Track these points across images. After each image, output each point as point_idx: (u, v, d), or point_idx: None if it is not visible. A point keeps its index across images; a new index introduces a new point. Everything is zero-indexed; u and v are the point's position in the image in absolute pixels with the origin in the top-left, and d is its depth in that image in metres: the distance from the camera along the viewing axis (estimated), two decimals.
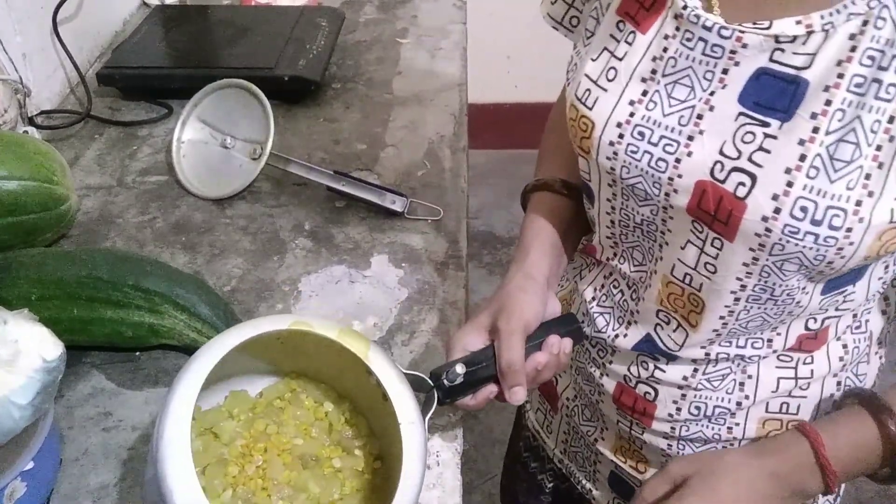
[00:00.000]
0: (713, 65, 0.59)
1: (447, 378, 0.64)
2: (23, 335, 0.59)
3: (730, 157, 0.57)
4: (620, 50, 0.63)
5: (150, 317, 0.76)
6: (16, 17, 1.11)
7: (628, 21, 0.63)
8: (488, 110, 2.82)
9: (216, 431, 0.64)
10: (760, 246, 0.58)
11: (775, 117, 0.56)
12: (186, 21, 1.38)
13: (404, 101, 1.23)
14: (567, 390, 0.85)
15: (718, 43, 0.58)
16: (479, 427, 1.94)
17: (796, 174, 0.55)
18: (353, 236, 0.95)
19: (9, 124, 1.08)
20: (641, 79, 0.62)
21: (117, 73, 1.21)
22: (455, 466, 0.70)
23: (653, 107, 0.61)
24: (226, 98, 1.06)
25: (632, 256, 0.70)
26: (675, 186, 0.60)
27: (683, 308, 0.66)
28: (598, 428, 0.82)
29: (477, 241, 2.53)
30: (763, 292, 0.61)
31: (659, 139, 0.61)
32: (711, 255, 0.61)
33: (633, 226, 0.67)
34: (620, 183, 0.64)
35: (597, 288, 0.75)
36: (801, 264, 0.57)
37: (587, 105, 0.64)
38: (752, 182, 0.56)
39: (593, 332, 0.75)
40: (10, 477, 0.60)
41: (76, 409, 0.74)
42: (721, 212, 0.58)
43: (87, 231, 0.96)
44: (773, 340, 0.67)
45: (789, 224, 0.55)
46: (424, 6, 1.54)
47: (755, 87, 0.57)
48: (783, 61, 0.56)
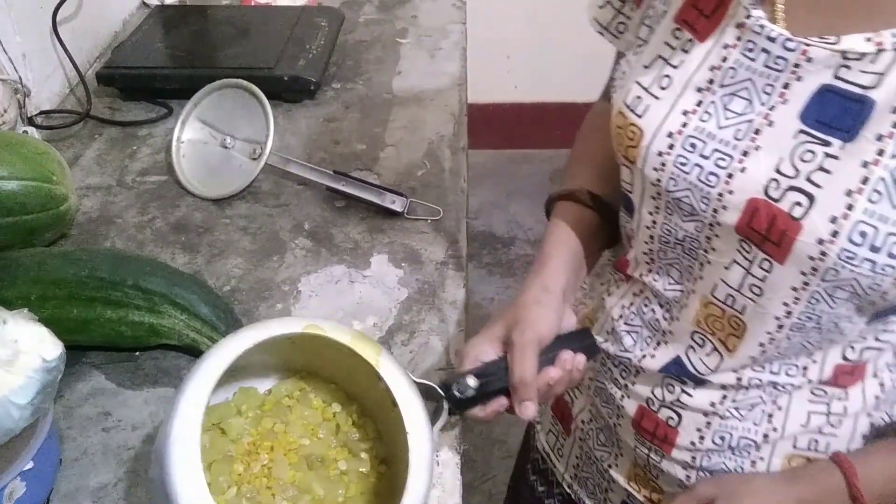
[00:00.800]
0: (774, 78, 0.56)
1: (458, 390, 0.63)
2: (22, 335, 0.59)
3: (787, 175, 0.55)
4: (676, 58, 0.61)
5: (150, 317, 0.76)
6: (15, 17, 1.11)
7: (686, 29, 0.61)
8: (488, 110, 2.82)
9: (223, 427, 0.64)
10: (813, 270, 0.55)
11: (837, 137, 0.53)
12: (186, 21, 1.38)
13: (404, 101, 1.23)
14: (583, 413, 0.83)
15: (782, 55, 0.55)
16: (478, 427, 1.94)
17: (857, 197, 0.52)
18: (352, 236, 0.95)
19: (8, 124, 1.08)
20: (697, 88, 0.59)
21: (117, 73, 1.21)
22: (455, 466, 0.70)
23: (707, 118, 0.59)
24: (225, 98, 1.06)
25: (668, 274, 0.67)
26: (724, 203, 0.58)
27: (722, 331, 0.64)
28: (612, 453, 0.79)
29: (476, 241, 2.53)
30: (808, 320, 0.59)
31: (711, 152, 0.58)
32: (758, 276, 0.59)
33: (673, 242, 0.65)
34: (665, 196, 0.62)
35: (625, 305, 0.73)
36: (853, 292, 0.55)
37: (637, 113, 0.62)
38: (809, 202, 0.54)
39: (619, 350, 0.72)
40: (10, 477, 0.60)
41: (76, 408, 0.74)
42: (773, 232, 0.56)
43: (87, 231, 0.96)
44: (808, 368, 0.64)
45: (846, 249, 0.53)
46: (424, 6, 1.54)
47: (818, 105, 0.54)
48: (849, 79, 0.53)
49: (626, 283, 0.74)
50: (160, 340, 0.77)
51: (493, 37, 2.65)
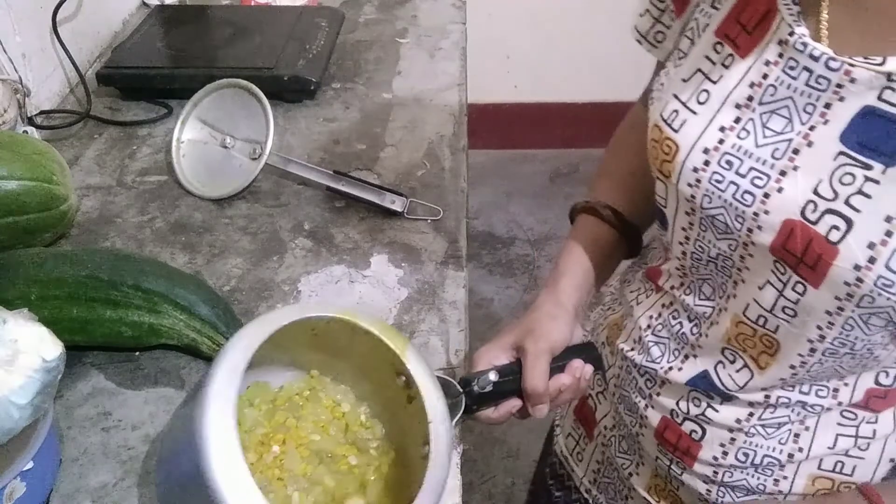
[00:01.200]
0: (816, 97, 0.55)
1: (478, 384, 0.65)
2: (22, 335, 0.59)
3: (825, 197, 0.54)
4: (716, 73, 0.60)
5: (150, 316, 0.76)
6: (15, 17, 1.11)
7: (727, 43, 0.59)
8: (488, 110, 2.82)
9: (238, 419, 0.64)
10: (848, 296, 0.54)
11: (879, 161, 0.52)
12: (186, 21, 1.38)
13: (404, 101, 1.23)
14: (606, 419, 0.83)
15: (824, 75, 0.54)
16: (479, 427, 1.94)
17: None
18: (352, 236, 0.95)
19: (8, 124, 1.08)
20: (735, 105, 0.58)
21: (117, 73, 1.21)
22: (455, 466, 0.70)
23: (745, 136, 0.58)
24: (225, 98, 1.06)
25: (700, 290, 0.67)
26: (759, 223, 0.57)
27: (754, 348, 0.63)
28: (633, 462, 0.79)
29: (476, 241, 2.53)
30: (842, 346, 0.58)
31: (748, 171, 0.57)
32: (792, 299, 0.58)
33: (706, 259, 0.64)
34: (700, 213, 0.61)
35: (653, 316, 0.72)
36: (889, 320, 0.54)
37: (673, 127, 0.61)
38: (847, 226, 0.53)
39: (645, 360, 0.72)
40: (10, 477, 0.60)
41: (76, 408, 0.74)
42: (809, 255, 0.54)
43: (87, 231, 0.96)
44: (839, 391, 0.63)
45: (883, 276, 0.52)
46: (424, 6, 1.54)
47: (860, 127, 0.53)
48: (893, 101, 0.52)
49: (655, 294, 0.74)
50: (160, 340, 0.77)
51: (493, 37, 2.65)
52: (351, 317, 0.63)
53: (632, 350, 0.74)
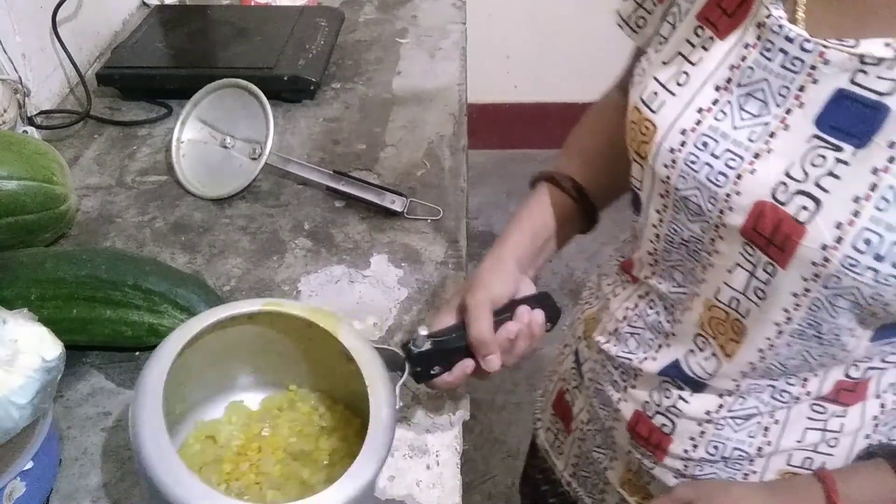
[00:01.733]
0: (790, 80, 0.55)
1: (415, 345, 0.65)
2: (22, 335, 0.59)
3: (796, 179, 0.54)
4: (695, 55, 0.60)
5: (150, 316, 0.76)
6: (15, 17, 1.11)
7: (708, 27, 0.60)
8: (488, 110, 2.82)
9: (214, 436, 0.66)
10: (815, 276, 0.54)
11: (850, 143, 0.53)
12: (186, 21, 1.38)
13: (404, 100, 1.23)
14: (582, 413, 0.83)
15: (799, 56, 0.55)
16: (478, 427, 1.94)
17: (865, 203, 0.52)
18: (352, 236, 0.95)
19: (8, 124, 1.08)
20: (715, 87, 0.59)
21: (117, 72, 1.21)
22: (455, 466, 0.70)
23: (722, 117, 0.58)
24: (225, 98, 1.06)
25: (671, 277, 0.67)
26: (731, 204, 0.58)
27: (724, 335, 0.63)
28: (608, 456, 0.80)
29: (476, 241, 2.53)
30: (809, 328, 0.58)
31: (723, 152, 0.58)
32: (762, 280, 0.58)
33: (678, 242, 0.64)
34: (674, 194, 0.62)
35: (630, 307, 0.73)
36: (854, 302, 0.54)
37: (652, 108, 0.62)
38: (816, 207, 0.53)
39: (621, 352, 0.73)
40: (10, 477, 0.60)
41: (75, 408, 0.74)
42: (778, 236, 0.55)
43: (87, 231, 0.96)
44: (808, 380, 0.64)
45: (850, 256, 0.52)
46: (424, 6, 1.54)
47: (833, 110, 0.54)
48: (865, 84, 0.52)
49: (632, 285, 0.74)
50: (160, 340, 0.77)
51: (493, 37, 2.65)
52: (277, 306, 0.64)
53: (608, 342, 0.75)
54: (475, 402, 0.81)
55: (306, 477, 0.63)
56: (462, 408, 0.75)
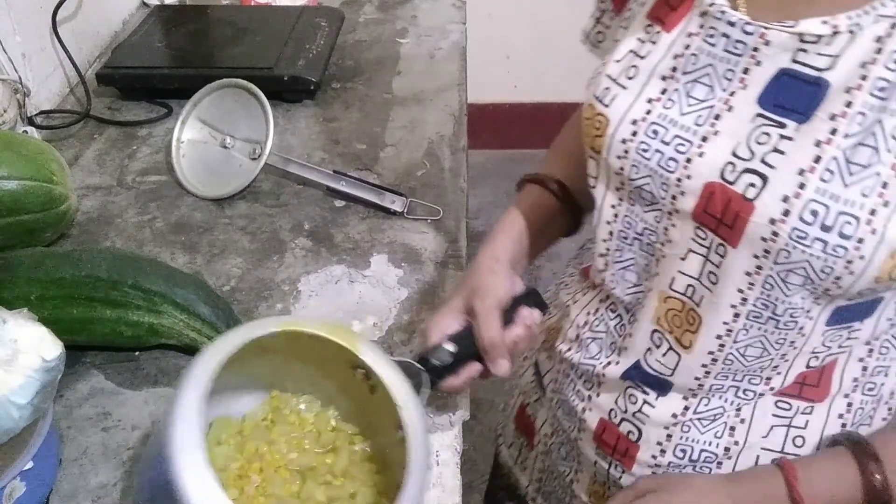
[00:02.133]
0: (734, 63, 0.57)
1: (437, 358, 0.65)
2: (22, 335, 0.59)
3: (742, 158, 0.56)
4: (644, 49, 0.62)
5: (150, 316, 0.76)
6: (15, 16, 1.11)
7: (656, 23, 0.62)
8: (488, 110, 2.82)
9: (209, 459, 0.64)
10: (765, 252, 0.55)
11: (792, 118, 0.54)
12: (186, 21, 1.38)
13: (404, 100, 1.23)
14: (545, 426, 0.83)
15: (741, 39, 0.57)
16: (478, 427, 1.94)
17: (809, 176, 0.53)
18: (352, 236, 0.95)
19: (8, 124, 1.08)
20: (661, 77, 0.61)
21: (117, 72, 1.21)
22: (455, 466, 0.70)
23: (670, 105, 0.60)
24: (225, 98, 1.06)
25: (624, 278, 0.68)
26: (682, 188, 0.59)
27: (679, 327, 0.64)
28: (573, 469, 0.80)
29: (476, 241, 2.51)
30: (765, 308, 0.59)
31: (672, 138, 0.59)
32: (715, 262, 0.59)
33: (632, 237, 0.65)
34: (628, 185, 0.63)
35: (590, 312, 0.73)
36: (806, 276, 0.55)
37: (604, 102, 0.63)
38: (762, 183, 0.54)
39: (584, 358, 0.73)
40: (10, 476, 0.60)
41: (75, 408, 0.74)
42: (728, 215, 0.56)
43: (87, 231, 0.96)
44: (771, 378, 0.64)
45: (798, 228, 0.53)
46: (424, 6, 1.54)
47: (776, 88, 0.55)
48: (806, 62, 0.54)
49: (591, 291, 0.74)
50: (160, 340, 0.77)
51: (493, 37, 2.65)
52: (295, 326, 0.62)
53: (569, 350, 0.75)
54: (475, 402, 0.81)
55: (323, 499, 0.61)
56: (462, 408, 0.75)
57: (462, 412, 0.74)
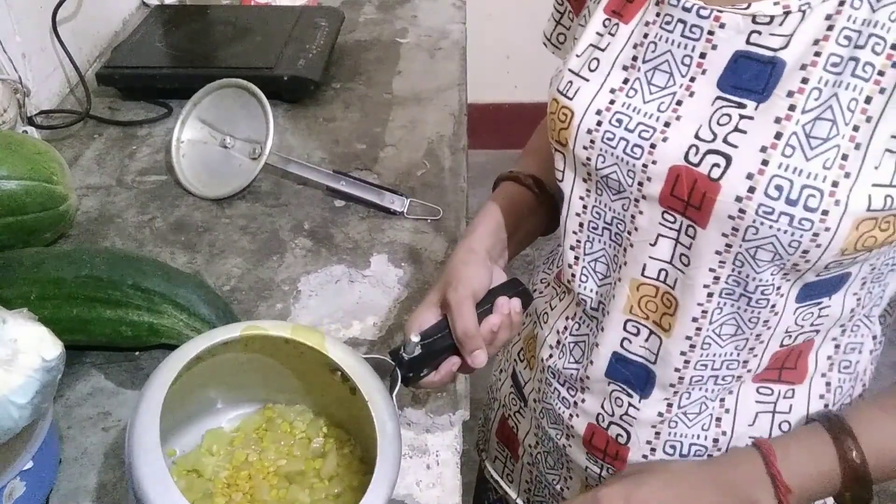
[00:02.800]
0: (691, 48, 0.59)
1: (405, 351, 0.65)
2: (22, 334, 0.59)
3: (705, 140, 0.57)
4: (604, 42, 0.64)
5: (150, 316, 0.76)
6: (15, 16, 1.11)
7: (614, 17, 0.64)
8: (488, 110, 2.82)
9: (198, 469, 0.64)
10: (734, 230, 0.57)
11: (751, 98, 0.56)
12: (186, 21, 1.38)
13: (404, 100, 1.23)
14: (528, 437, 0.83)
15: (697, 23, 0.58)
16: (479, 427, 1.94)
17: (772, 152, 0.54)
18: (352, 236, 0.95)
19: (8, 124, 1.08)
20: (623, 67, 0.62)
21: (117, 72, 1.21)
22: (455, 466, 0.70)
23: (633, 94, 0.61)
24: (225, 98, 1.06)
25: (595, 270, 0.69)
26: (648, 174, 0.60)
27: (656, 312, 0.65)
28: (562, 476, 0.79)
29: None
30: (737, 285, 0.60)
31: (636, 126, 0.60)
32: (686, 244, 0.60)
33: (601, 227, 0.66)
34: (595, 176, 0.64)
35: (569, 317, 0.73)
36: (775, 252, 0.56)
37: (568, 96, 0.64)
38: (726, 163, 0.56)
39: (566, 363, 0.73)
40: (10, 476, 0.60)
41: (75, 408, 0.74)
42: (695, 196, 0.57)
43: (87, 231, 0.96)
44: (748, 361, 0.65)
45: (763, 204, 0.54)
46: (424, 6, 1.54)
47: (733, 71, 0.57)
48: (760, 43, 0.56)
49: (567, 296, 0.74)
50: (160, 340, 0.77)
51: (493, 37, 2.65)
52: (256, 330, 0.62)
53: (551, 356, 0.74)
54: (475, 403, 0.81)
55: (307, 501, 0.61)
56: (462, 407, 0.75)
57: (462, 412, 0.74)
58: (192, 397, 0.65)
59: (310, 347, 0.62)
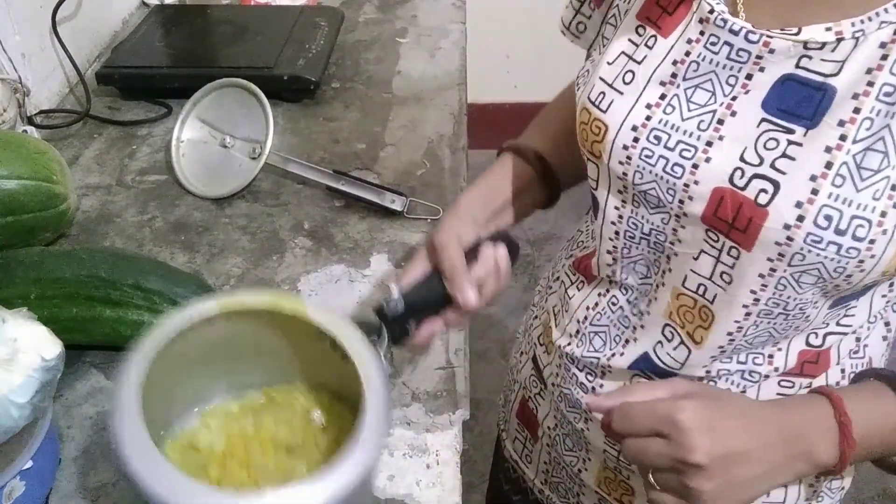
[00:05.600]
0: (737, 69, 0.57)
1: (388, 307, 0.65)
2: (22, 334, 0.59)
3: (751, 163, 0.56)
4: (639, 54, 0.62)
5: (150, 316, 0.76)
6: (15, 16, 1.11)
7: (649, 26, 0.62)
8: (488, 110, 2.82)
9: (194, 443, 0.63)
10: (780, 256, 0.56)
11: (800, 124, 0.55)
12: (185, 20, 1.38)
13: (404, 100, 1.23)
14: (548, 418, 0.83)
15: (744, 48, 0.57)
16: (478, 427, 1.94)
17: (822, 182, 0.53)
18: (352, 235, 0.95)
19: (8, 124, 1.08)
20: (660, 82, 0.61)
21: (116, 72, 1.21)
22: (454, 465, 0.70)
23: (671, 111, 0.60)
24: (225, 97, 1.06)
25: (634, 269, 0.68)
26: (690, 193, 0.59)
27: (692, 323, 0.64)
28: (580, 458, 0.79)
29: None
30: (776, 307, 0.59)
31: (676, 144, 0.59)
32: (728, 264, 0.59)
33: (639, 237, 0.65)
34: (632, 189, 0.63)
35: (590, 307, 0.73)
36: (819, 277, 0.56)
37: (601, 108, 0.63)
38: (774, 189, 0.55)
39: (586, 352, 0.73)
40: (9, 476, 0.60)
41: (75, 408, 0.74)
42: (740, 220, 0.57)
43: (86, 230, 0.96)
44: (773, 356, 0.65)
45: (812, 233, 0.54)
46: (424, 6, 1.54)
47: (780, 93, 0.56)
48: (810, 68, 0.55)
49: (588, 285, 0.74)
50: None
51: (493, 37, 2.65)
52: (237, 304, 0.61)
53: (569, 344, 0.74)
54: (475, 402, 0.81)
55: (304, 471, 0.61)
56: (462, 407, 0.75)
57: (462, 412, 0.74)
58: (188, 381, 0.64)
59: (295, 321, 0.61)
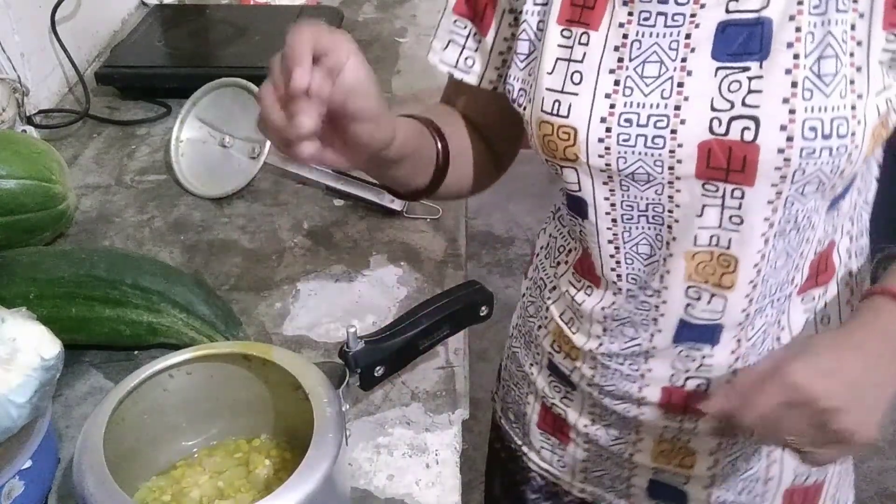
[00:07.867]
0: (677, 33, 0.61)
1: (348, 347, 0.67)
2: (21, 333, 0.59)
3: (723, 109, 0.59)
4: (577, 53, 0.64)
5: (149, 315, 0.76)
6: (14, 16, 1.11)
7: (575, 26, 0.64)
8: None
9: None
10: (782, 178, 0.59)
11: (753, 59, 0.59)
12: (185, 20, 1.38)
13: (403, 100, 1.23)
14: (581, 418, 0.82)
15: (678, 11, 0.60)
16: (478, 427, 1.93)
17: (794, 101, 0.58)
18: (351, 235, 0.95)
19: (7, 123, 1.08)
20: (609, 70, 0.63)
21: (116, 72, 1.21)
22: (454, 465, 0.70)
23: (630, 92, 0.62)
24: (224, 97, 1.06)
25: (637, 252, 0.69)
26: (678, 157, 0.61)
27: (714, 274, 0.66)
28: (629, 442, 0.79)
29: (476, 241, 2.53)
30: (787, 223, 0.63)
31: (647, 119, 0.61)
32: (734, 206, 0.62)
33: (637, 215, 0.66)
34: (618, 176, 0.64)
35: (605, 307, 0.73)
36: (819, 182, 0.60)
37: (561, 115, 0.64)
38: (755, 123, 0.58)
39: (623, 345, 0.73)
40: (8, 475, 0.60)
41: (74, 408, 0.74)
42: (734, 162, 0.60)
43: (86, 230, 0.96)
44: (794, 278, 0.68)
45: (804, 147, 0.58)
46: (423, 5, 1.54)
47: (723, 40, 0.59)
48: (741, 8, 0.59)
49: (597, 288, 0.74)
50: (159, 339, 0.77)
51: None
52: (207, 350, 0.64)
53: (601, 344, 0.74)
54: (475, 402, 0.81)
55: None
56: (461, 407, 0.75)
57: (461, 411, 0.74)
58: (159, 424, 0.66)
59: (262, 361, 0.64)
